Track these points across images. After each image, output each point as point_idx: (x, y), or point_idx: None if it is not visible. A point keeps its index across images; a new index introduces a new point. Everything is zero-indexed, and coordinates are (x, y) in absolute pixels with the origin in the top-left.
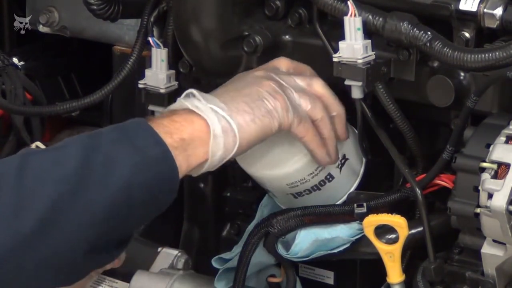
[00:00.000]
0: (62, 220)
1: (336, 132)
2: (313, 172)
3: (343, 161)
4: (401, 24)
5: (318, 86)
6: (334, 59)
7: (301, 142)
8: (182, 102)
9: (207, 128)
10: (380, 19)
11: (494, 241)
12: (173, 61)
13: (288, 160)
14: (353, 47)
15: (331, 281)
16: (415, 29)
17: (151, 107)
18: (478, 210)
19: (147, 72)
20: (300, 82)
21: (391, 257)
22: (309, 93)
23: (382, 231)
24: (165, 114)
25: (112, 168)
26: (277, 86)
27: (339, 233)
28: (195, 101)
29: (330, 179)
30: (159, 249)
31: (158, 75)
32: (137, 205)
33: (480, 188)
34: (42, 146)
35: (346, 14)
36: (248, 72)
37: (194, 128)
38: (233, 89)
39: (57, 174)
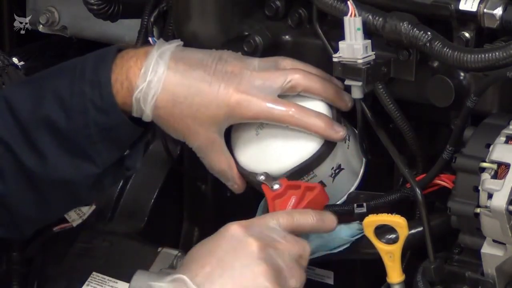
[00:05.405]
0: None
1: None
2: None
3: (337, 171)
4: (401, 24)
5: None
6: (334, 59)
7: None
8: None
9: None
10: (380, 19)
11: (494, 241)
12: None
13: (281, 161)
14: (353, 47)
15: (331, 281)
16: (415, 29)
17: None
18: (478, 210)
19: None
20: (294, 251)
21: (391, 257)
22: (299, 269)
23: (382, 231)
24: None
25: None
26: (272, 271)
27: (339, 233)
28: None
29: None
30: (159, 249)
31: None
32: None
33: (480, 188)
34: None
35: (346, 14)
36: (243, 243)
37: None
38: (229, 275)
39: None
